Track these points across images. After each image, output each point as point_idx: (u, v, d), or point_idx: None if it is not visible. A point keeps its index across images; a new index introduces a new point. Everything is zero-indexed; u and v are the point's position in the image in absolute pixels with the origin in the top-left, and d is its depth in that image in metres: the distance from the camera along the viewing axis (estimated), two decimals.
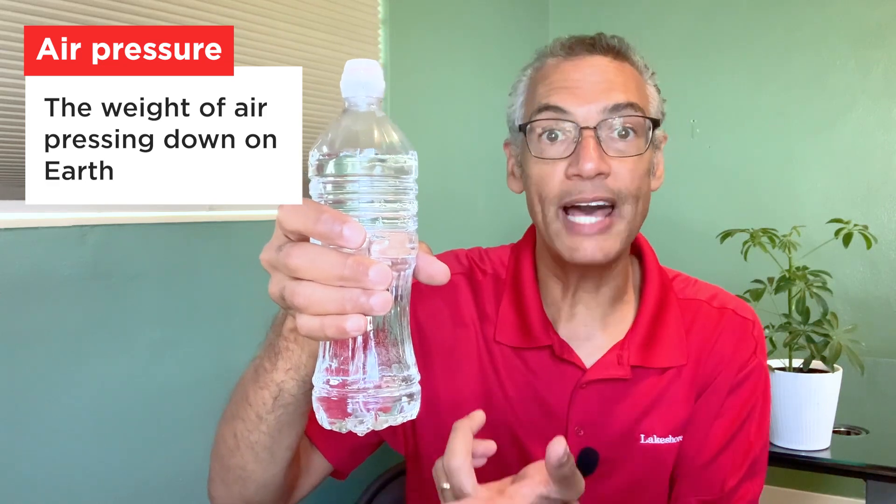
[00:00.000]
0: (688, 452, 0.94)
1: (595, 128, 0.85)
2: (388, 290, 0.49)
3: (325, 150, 0.52)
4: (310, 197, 0.53)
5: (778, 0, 2.56)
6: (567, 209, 0.87)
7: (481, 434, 0.94)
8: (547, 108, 0.87)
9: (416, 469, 0.97)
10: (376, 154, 0.52)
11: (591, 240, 0.86)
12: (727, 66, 2.63)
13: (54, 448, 1.31)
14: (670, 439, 0.93)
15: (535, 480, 0.71)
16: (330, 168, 0.52)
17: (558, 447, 0.68)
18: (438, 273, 0.55)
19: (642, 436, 0.92)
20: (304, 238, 0.52)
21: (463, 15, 2.41)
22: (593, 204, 0.86)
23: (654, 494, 0.94)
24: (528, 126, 0.89)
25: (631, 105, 0.87)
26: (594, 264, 0.88)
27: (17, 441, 1.27)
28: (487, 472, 0.93)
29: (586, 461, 0.90)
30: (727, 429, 0.94)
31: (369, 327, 0.51)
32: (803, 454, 1.34)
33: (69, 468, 1.33)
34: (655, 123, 0.90)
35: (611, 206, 0.87)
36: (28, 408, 1.28)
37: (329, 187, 0.52)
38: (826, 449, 1.35)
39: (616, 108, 0.86)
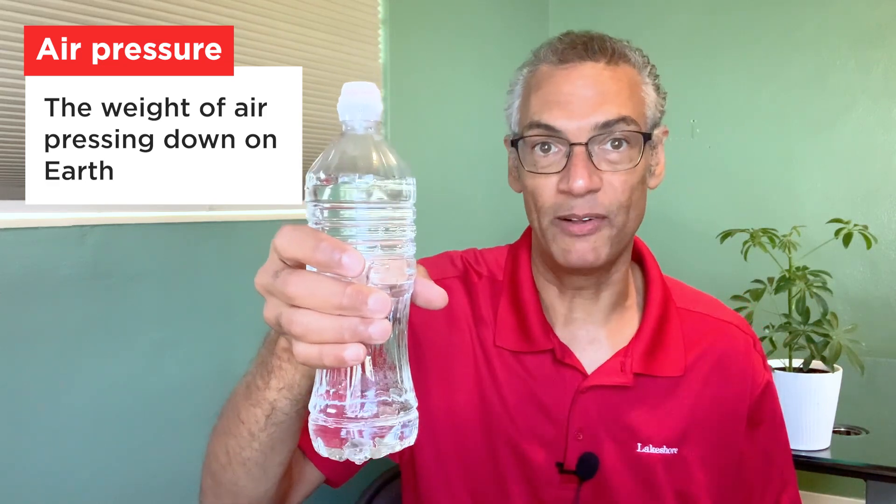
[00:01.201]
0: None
1: (586, 143, 0.85)
2: (386, 317, 0.49)
3: (322, 174, 0.51)
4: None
5: (778, 0, 2.56)
6: (561, 218, 0.88)
7: (479, 441, 0.94)
8: (538, 125, 0.87)
9: (411, 477, 0.96)
10: (374, 180, 0.50)
11: (583, 241, 0.86)
12: (727, 66, 2.63)
13: (54, 447, 1.31)
14: (664, 450, 0.92)
15: None
16: (327, 193, 0.51)
17: None
18: (436, 298, 0.55)
19: (639, 444, 0.92)
20: (300, 265, 0.51)
21: (463, 15, 2.41)
22: (585, 219, 0.86)
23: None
24: (521, 141, 0.89)
25: (623, 119, 0.86)
26: (586, 266, 0.88)
27: (17, 440, 1.27)
28: (486, 478, 0.93)
29: (587, 465, 0.90)
30: (764, 461, 0.98)
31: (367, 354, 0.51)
32: (803, 454, 1.33)
33: (69, 468, 1.33)
34: (648, 137, 0.89)
35: (602, 218, 0.87)
36: (28, 407, 1.28)
37: (326, 213, 0.51)
38: (826, 449, 1.35)
39: (607, 125, 0.85)
